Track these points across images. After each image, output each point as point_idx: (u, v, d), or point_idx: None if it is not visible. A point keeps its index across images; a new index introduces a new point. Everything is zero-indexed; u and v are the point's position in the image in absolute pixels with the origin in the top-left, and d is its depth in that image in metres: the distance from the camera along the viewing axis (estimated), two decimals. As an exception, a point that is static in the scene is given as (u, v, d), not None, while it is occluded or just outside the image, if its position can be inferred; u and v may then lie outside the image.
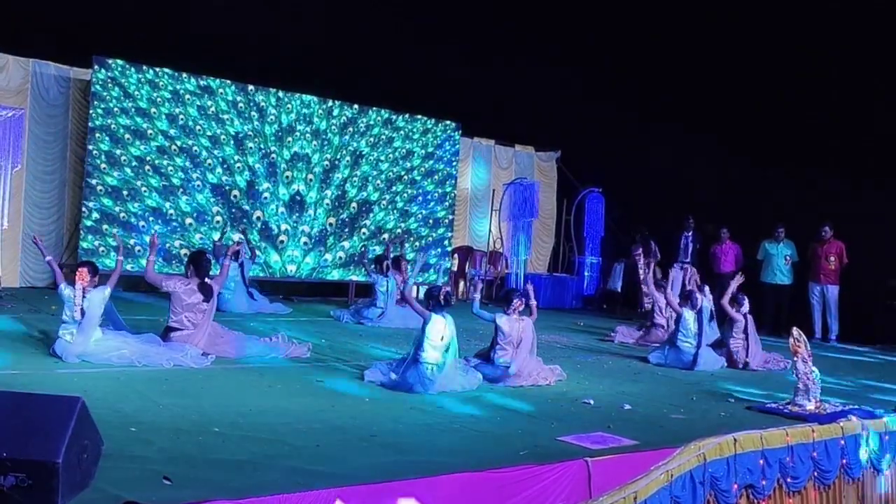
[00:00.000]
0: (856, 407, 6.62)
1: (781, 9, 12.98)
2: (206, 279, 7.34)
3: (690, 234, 13.60)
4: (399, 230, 14.27)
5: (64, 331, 6.62)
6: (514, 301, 7.18)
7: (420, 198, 14.51)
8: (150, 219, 11.90)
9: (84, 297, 6.60)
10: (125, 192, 11.71)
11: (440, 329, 6.47)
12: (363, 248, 13.29)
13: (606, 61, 14.74)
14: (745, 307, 9.16)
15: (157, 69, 11.99)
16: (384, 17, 13.76)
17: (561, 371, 7.35)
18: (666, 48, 14.09)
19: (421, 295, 8.41)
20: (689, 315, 8.87)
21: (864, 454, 6.24)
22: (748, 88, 13.52)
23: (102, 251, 11.44)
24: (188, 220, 12.24)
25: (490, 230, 15.79)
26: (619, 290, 15.07)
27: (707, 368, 8.63)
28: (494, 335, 7.09)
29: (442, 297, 6.63)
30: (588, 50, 14.78)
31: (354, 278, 13.56)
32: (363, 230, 13.93)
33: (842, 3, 12.34)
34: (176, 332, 7.15)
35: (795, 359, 6.63)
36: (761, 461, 5.51)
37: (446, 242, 14.99)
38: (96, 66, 11.49)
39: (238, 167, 12.69)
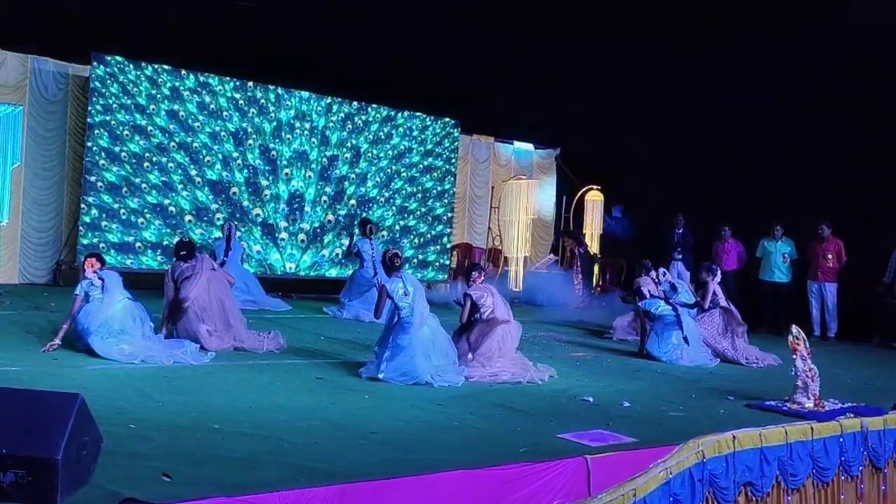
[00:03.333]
0: (855, 404, 6.63)
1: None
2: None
3: (681, 230, 13.63)
4: (397, 227, 14.27)
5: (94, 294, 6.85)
6: (473, 273, 7.56)
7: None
8: (150, 215, 11.90)
9: (97, 274, 6.91)
10: (124, 189, 11.69)
11: (399, 287, 6.83)
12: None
13: (606, 59, 14.70)
14: (718, 276, 9.55)
15: (156, 65, 11.97)
16: (384, 16, 13.72)
17: (553, 371, 7.35)
18: (665, 46, 14.07)
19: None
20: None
21: (862, 452, 6.25)
22: (747, 88, 13.50)
23: (102, 247, 11.42)
24: (188, 217, 12.23)
25: (489, 227, 15.77)
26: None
27: (699, 362, 8.69)
28: (471, 309, 7.32)
29: (388, 258, 7.20)
30: (587, 47, 14.74)
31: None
32: (362, 227, 13.91)
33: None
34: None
35: (794, 356, 6.63)
36: (760, 459, 5.52)
37: (445, 239, 14.99)
38: (95, 63, 11.47)
39: (238, 164, 12.67)
